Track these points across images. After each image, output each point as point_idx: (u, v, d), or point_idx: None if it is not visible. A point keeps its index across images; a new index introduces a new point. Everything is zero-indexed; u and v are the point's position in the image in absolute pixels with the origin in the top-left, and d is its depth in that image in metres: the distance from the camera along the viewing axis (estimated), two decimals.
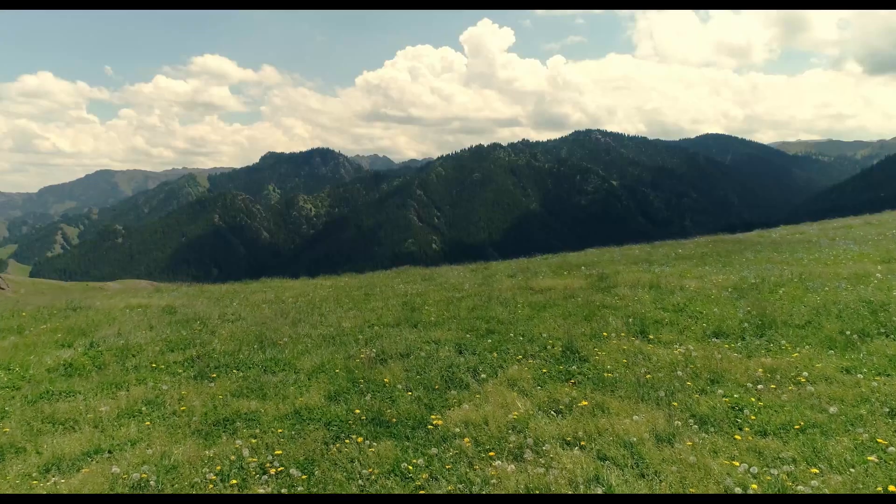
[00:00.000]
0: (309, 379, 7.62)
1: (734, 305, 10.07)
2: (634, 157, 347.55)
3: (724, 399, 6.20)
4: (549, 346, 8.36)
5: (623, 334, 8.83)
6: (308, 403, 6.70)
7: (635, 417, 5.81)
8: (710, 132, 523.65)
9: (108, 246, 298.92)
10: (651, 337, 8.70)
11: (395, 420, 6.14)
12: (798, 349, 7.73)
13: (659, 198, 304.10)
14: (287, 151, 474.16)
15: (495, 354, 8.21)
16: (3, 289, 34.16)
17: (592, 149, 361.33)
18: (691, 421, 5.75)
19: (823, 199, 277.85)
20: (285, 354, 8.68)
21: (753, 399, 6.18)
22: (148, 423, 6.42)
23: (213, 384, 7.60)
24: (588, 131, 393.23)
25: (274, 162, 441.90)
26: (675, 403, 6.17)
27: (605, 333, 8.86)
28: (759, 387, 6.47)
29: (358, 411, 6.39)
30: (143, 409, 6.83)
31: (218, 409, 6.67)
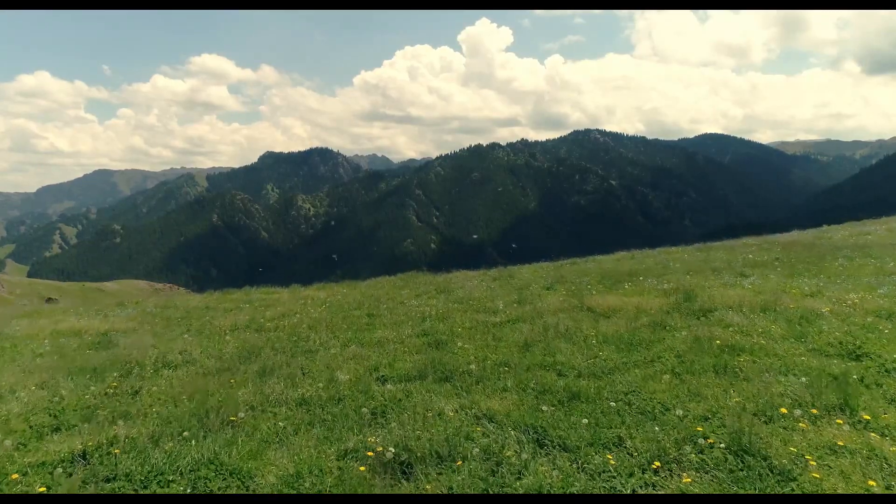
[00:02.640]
0: None
1: None
2: (633, 157, 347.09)
3: None
4: (696, 438, 4.84)
5: (814, 411, 5.27)
6: None
7: None
8: (709, 132, 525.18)
9: (107, 246, 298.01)
10: (866, 417, 5.17)
11: None
12: None
13: (658, 197, 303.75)
14: (286, 151, 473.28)
15: (609, 457, 4.65)
16: None
17: (591, 148, 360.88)
18: None
19: (823, 199, 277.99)
20: (236, 451, 5.15)
21: None
22: None
23: None
24: (587, 131, 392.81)
25: (272, 162, 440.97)
26: None
27: (782, 410, 5.31)
28: None
29: None
30: None
31: None
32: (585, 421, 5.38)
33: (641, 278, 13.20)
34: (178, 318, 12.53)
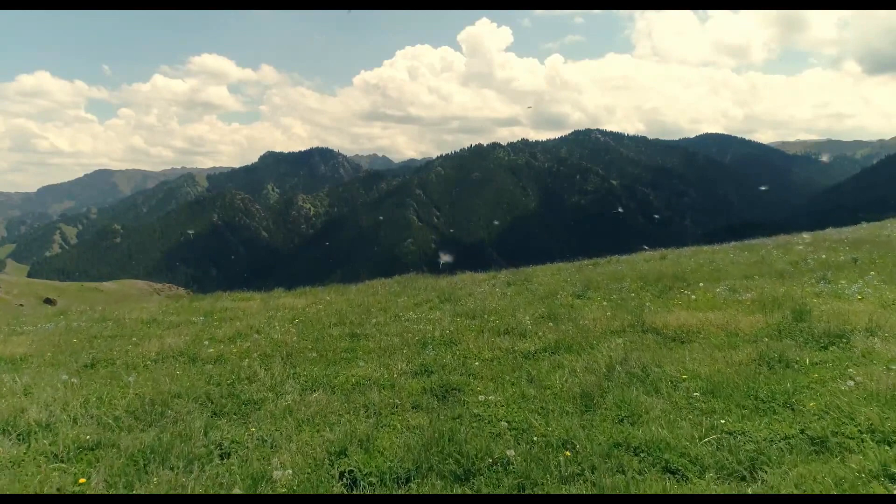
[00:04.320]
0: None
1: None
2: (634, 157, 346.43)
3: None
4: None
5: None
6: None
7: None
8: (709, 132, 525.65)
9: (107, 246, 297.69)
10: None
11: None
12: None
13: (658, 197, 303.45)
14: (286, 151, 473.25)
15: None
16: None
17: (592, 148, 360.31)
18: None
19: (824, 199, 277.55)
20: None
21: None
22: None
23: None
24: (587, 131, 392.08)
25: (273, 161, 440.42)
26: None
27: None
28: None
29: None
30: None
31: None
32: None
33: (699, 284, 10.59)
34: (101, 338, 9.53)
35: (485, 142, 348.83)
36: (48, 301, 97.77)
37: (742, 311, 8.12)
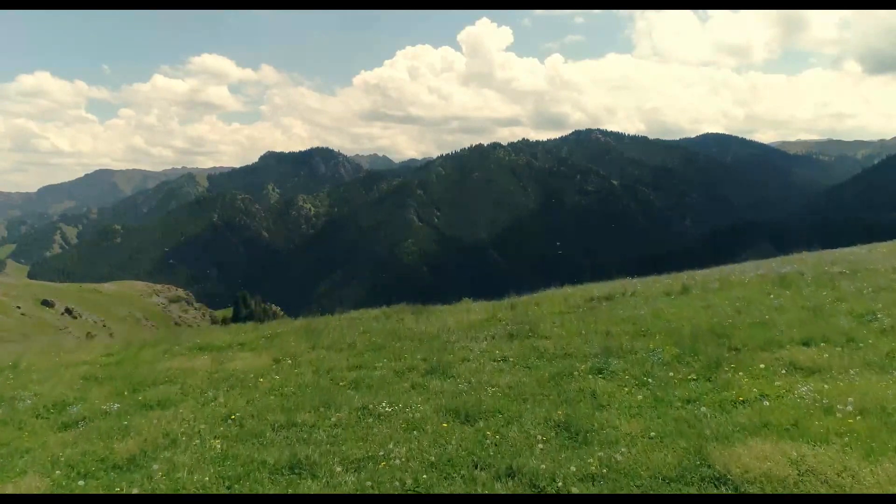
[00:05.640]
0: None
1: None
2: (635, 157, 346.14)
3: None
4: None
5: None
6: None
7: None
8: (710, 132, 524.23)
9: (107, 246, 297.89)
10: None
11: None
12: None
13: (659, 198, 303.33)
14: (286, 151, 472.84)
15: None
16: None
17: (593, 148, 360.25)
18: None
19: (825, 199, 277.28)
20: None
21: None
22: None
23: None
24: (588, 131, 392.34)
25: (273, 161, 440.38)
26: None
27: None
28: None
29: None
30: None
31: None
32: None
33: (752, 355, 7.99)
34: None
35: (485, 142, 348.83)
36: (46, 303, 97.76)
37: (849, 439, 5.55)
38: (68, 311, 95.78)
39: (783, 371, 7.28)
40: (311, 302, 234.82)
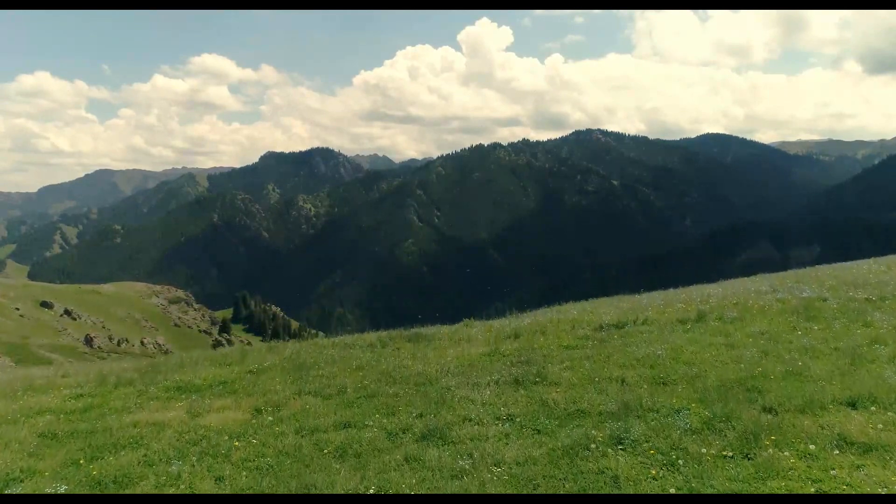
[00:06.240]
0: None
1: None
2: (635, 157, 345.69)
3: None
4: None
5: None
6: None
7: None
8: (710, 132, 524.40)
9: (107, 246, 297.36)
10: None
11: None
12: None
13: (659, 197, 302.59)
14: (286, 151, 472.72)
15: None
16: None
17: (593, 148, 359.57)
18: None
19: (826, 199, 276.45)
20: None
21: None
22: None
23: None
24: (588, 131, 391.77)
25: (273, 161, 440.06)
26: None
27: None
28: None
29: None
30: None
31: None
32: None
33: (791, 420, 6.56)
34: None
35: (485, 142, 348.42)
36: (45, 304, 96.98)
37: None
38: (67, 312, 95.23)
39: (835, 450, 5.89)
40: (311, 302, 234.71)
